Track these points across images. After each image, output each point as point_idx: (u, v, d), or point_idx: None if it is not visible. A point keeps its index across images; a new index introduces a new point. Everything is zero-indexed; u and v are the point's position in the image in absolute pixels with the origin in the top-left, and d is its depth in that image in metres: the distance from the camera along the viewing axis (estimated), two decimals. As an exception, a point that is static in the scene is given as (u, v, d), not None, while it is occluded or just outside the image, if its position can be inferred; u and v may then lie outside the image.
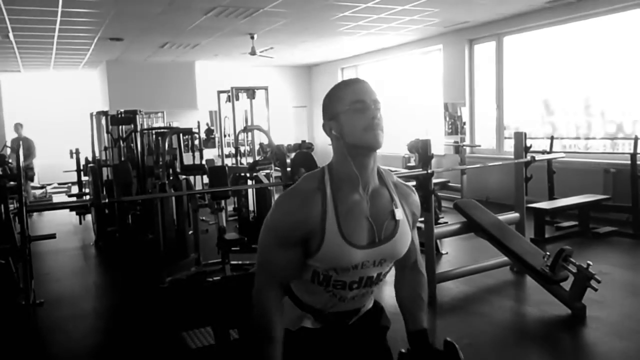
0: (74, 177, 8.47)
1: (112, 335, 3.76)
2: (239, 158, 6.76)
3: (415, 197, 1.57)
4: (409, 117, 10.09)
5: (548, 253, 3.70)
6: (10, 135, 10.77)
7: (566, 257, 3.56)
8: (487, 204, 7.40)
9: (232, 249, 4.68)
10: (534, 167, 4.51)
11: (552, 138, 6.58)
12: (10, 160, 8.31)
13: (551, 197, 6.31)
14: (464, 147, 7.76)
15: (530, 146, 4.49)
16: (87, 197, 7.18)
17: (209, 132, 11.15)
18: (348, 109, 1.41)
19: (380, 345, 1.65)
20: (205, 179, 5.76)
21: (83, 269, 5.53)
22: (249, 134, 7.32)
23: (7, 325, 3.85)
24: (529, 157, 4.43)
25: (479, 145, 8.20)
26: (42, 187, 11.24)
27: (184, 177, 4.68)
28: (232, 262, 4.71)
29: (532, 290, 4.02)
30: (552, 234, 5.73)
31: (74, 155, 8.09)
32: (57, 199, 10.01)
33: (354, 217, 1.43)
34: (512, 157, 4.65)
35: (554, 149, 6.47)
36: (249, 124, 7.33)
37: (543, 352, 3.24)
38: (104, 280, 5.20)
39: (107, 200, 2.70)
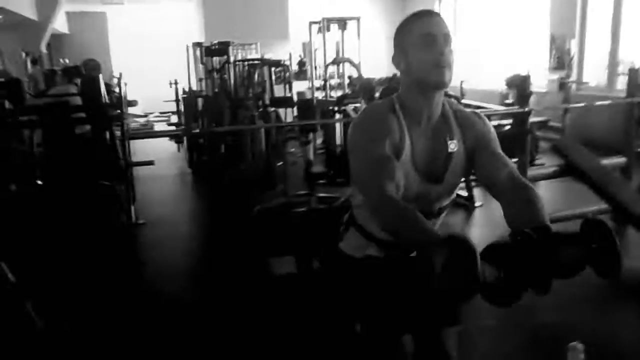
0: (173, 106, 8.90)
1: (204, 256, 4.02)
2: (328, 91, 6.70)
3: (480, 120, 1.51)
4: (510, 50, 9.42)
5: (656, 203, 3.39)
6: (117, 66, 11.44)
7: (677, 209, 3.24)
8: (592, 147, 6.91)
9: (319, 181, 4.75)
10: (650, 108, 4.09)
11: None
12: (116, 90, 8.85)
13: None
14: (570, 84, 7.14)
15: (647, 85, 4.05)
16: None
17: (301, 64, 11.12)
18: (416, 42, 1.36)
19: None
20: (295, 112, 5.80)
21: (180, 194, 5.88)
22: (340, 66, 7.21)
23: (111, 242, 4.22)
24: (643, 97, 4.00)
25: (587, 83, 7.51)
26: (145, 115, 11.91)
27: (273, 109, 4.72)
28: (319, 195, 4.79)
29: (635, 243, 3.74)
30: (664, 181, 5.23)
31: (173, 86, 8.44)
32: (158, 127, 10.58)
33: (419, 147, 1.44)
34: (624, 95, 4.23)
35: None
36: (340, 56, 7.20)
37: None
38: (198, 205, 5.51)
39: (197, 131, 2.76)
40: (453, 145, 1.46)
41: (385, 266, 1.57)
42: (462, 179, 1.57)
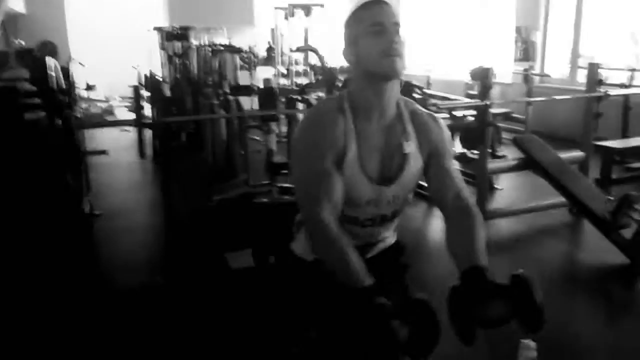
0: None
1: (160, 249, 3.90)
2: (293, 79, 6.59)
3: (436, 125, 1.46)
4: (477, 41, 9.46)
5: (611, 197, 3.44)
6: (76, 50, 11.01)
7: (631, 204, 3.30)
8: (553, 139, 7.01)
9: (281, 171, 4.66)
10: (610, 102, 4.13)
11: (632, 70, 5.97)
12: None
13: (624, 136, 5.83)
14: (533, 76, 7.21)
15: (606, 79, 4.08)
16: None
17: (270, 50, 10.94)
18: (365, 31, 1.31)
19: (397, 282, 1.58)
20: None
21: (139, 184, 5.70)
22: (307, 54, 7.10)
23: (64, 234, 4.05)
24: (601, 92, 4.04)
25: (549, 75, 7.60)
26: (107, 100, 11.56)
27: (233, 98, 4.60)
28: (280, 185, 4.71)
29: (590, 235, 3.77)
30: (620, 175, 5.33)
31: (136, 71, 8.20)
32: (119, 112, 10.28)
33: (370, 148, 1.37)
34: (585, 88, 4.27)
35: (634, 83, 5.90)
36: (307, 43, 7.09)
37: (594, 303, 3.07)
38: (157, 195, 5.35)
39: (149, 121, 2.65)
40: (409, 146, 1.40)
41: None
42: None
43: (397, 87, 1.38)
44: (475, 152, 5.61)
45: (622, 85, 5.63)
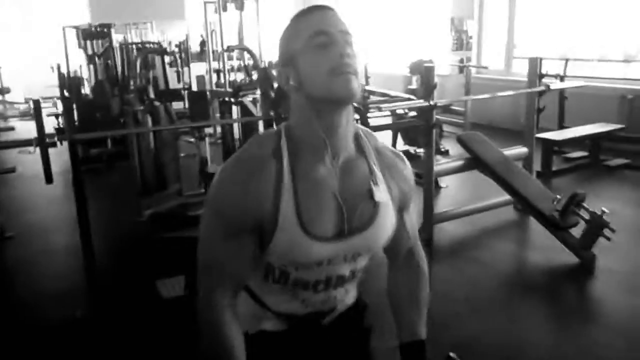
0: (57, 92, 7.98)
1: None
2: (227, 77, 6.21)
3: (405, 168, 1.19)
4: (413, 33, 9.39)
5: (558, 196, 3.36)
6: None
7: (579, 203, 3.22)
8: (492, 129, 7.03)
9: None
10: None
11: (566, 61, 6.00)
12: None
13: (561, 126, 5.88)
14: (470, 68, 7.18)
15: (546, 73, 4.01)
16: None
17: (203, 44, 10.43)
18: (306, 45, 1.01)
19: (361, 351, 1.32)
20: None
21: (59, 198, 5.21)
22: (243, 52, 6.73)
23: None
24: (542, 86, 3.97)
25: (486, 67, 7.60)
26: (26, 102, 10.75)
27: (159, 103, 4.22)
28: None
29: (537, 233, 3.69)
30: (560, 166, 5.36)
31: (55, 71, 7.56)
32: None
33: (318, 198, 1.06)
34: (521, 79, 4.20)
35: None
36: (240, 41, 6.72)
37: (546, 305, 2.99)
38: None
39: (54, 140, 2.29)
40: (380, 192, 1.10)
41: (286, 344, 1.21)
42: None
43: (352, 115, 1.09)
44: (419, 149, 5.51)
45: (558, 77, 5.64)
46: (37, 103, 2.26)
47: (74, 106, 6.43)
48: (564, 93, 5.87)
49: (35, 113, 2.23)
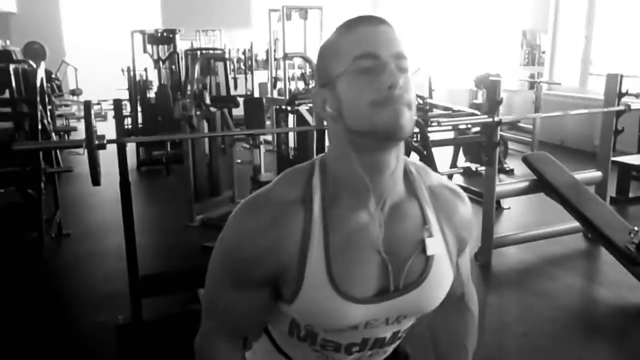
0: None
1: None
2: (286, 85, 6.19)
3: (465, 210, 0.99)
4: (482, 45, 9.06)
5: (636, 228, 3.04)
6: (71, 53, 10.70)
7: (659, 236, 2.90)
8: (562, 149, 6.63)
9: (268, 189, 4.28)
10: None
11: (650, 78, 5.55)
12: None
13: (641, 150, 5.43)
14: (541, 84, 6.80)
15: (626, 92, 3.68)
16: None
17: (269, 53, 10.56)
18: (350, 69, 0.82)
19: None
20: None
21: (118, 199, 5.33)
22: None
23: (19, 260, 3.67)
24: (622, 106, 3.64)
25: (559, 83, 7.19)
26: (98, 103, 11.23)
27: (215, 109, 4.22)
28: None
29: (608, 266, 3.38)
30: (638, 193, 4.94)
31: (126, 74, 7.81)
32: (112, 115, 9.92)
33: (356, 251, 0.88)
34: (597, 97, 3.87)
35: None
36: (300, 50, 6.69)
37: (614, 349, 2.68)
38: (135, 212, 4.99)
39: (104, 141, 2.27)
40: (433, 244, 0.92)
41: None
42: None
43: (402, 152, 0.90)
44: (480, 167, 5.23)
45: (638, 96, 5.21)
46: (87, 103, 2.25)
47: (139, 109, 6.67)
48: (646, 114, 5.42)
49: (85, 114, 2.22)
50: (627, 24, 6.75)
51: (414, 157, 3.29)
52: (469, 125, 4.92)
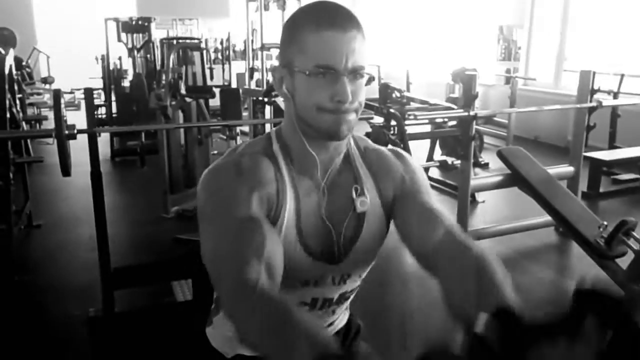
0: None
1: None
2: (263, 78, 6.12)
3: (399, 163, 1.03)
4: (459, 40, 9.11)
5: (605, 223, 3.10)
6: (42, 40, 10.43)
7: (628, 231, 2.96)
8: (536, 144, 6.73)
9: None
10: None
11: (622, 76, 5.64)
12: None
13: (612, 146, 5.54)
14: (516, 79, 6.88)
15: (598, 89, 3.74)
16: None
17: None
18: (306, 67, 0.88)
19: None
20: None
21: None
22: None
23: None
24: (594, 102, 3.70)
25: (534, 79, 7.29)
26: (72, 92, 11.00)
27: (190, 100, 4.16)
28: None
29: (579, 259, 3.43)
30: (608, 188, 5.04)
31: (100, 62, 7.65)
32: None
33: (309, 213, 0.96)
34: (571, 93, 3.93)
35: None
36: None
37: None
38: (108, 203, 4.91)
39: (74, 131, 2.22)
40: (363, 203, 0.99)
41: None
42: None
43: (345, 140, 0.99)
44: (456, 160, 5.28)
45: (612, 93, 5.31)
46: (57, 92, 2.19)
47: (113, 98, 6.55)
48: (617, 110, 5.53)
49: (55, 103, 2.17)
50: (601, 22, 6.86)
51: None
52: (446, 119, 4.96)
